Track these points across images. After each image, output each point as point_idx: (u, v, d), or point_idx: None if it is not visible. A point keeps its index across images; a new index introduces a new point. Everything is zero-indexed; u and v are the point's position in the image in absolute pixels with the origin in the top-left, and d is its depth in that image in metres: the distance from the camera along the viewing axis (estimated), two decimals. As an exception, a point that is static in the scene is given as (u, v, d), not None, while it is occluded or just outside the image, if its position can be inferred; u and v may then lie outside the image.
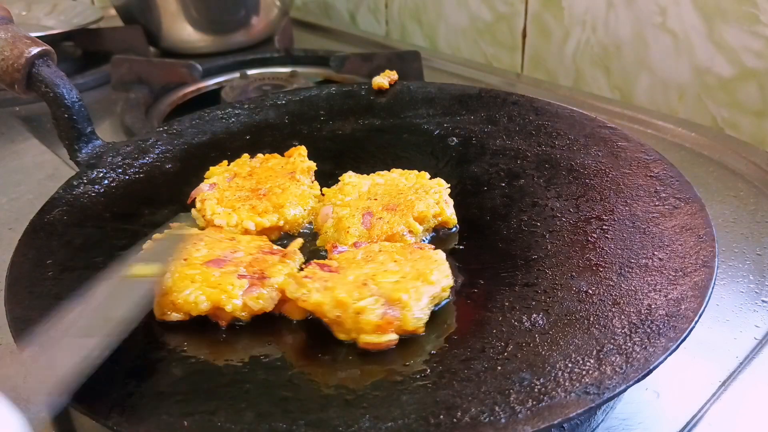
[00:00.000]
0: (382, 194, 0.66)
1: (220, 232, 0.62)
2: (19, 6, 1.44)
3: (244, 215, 0.64)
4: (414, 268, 0.53)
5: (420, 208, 0.62)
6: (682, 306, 0.49)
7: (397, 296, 0.50)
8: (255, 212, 0.64)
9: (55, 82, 0.70)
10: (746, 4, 0.95)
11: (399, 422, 0.43)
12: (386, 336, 0.49)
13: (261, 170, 0.71)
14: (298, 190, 0.67)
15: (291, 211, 0.64)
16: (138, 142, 0.78)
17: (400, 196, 0.65)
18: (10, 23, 0.71)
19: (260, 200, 0.66)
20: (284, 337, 0.52)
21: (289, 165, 0.71)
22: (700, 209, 0.59)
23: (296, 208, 0.65)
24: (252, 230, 0.63)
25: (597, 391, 0.43)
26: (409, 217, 0.62)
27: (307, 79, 1.23)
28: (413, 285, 0.51)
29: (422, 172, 0.69)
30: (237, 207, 0.65)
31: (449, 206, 0.64)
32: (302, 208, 0.65)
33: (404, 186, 0.67)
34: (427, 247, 0.57)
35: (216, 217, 0.64)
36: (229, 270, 0.54)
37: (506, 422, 0.42)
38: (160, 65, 1.21)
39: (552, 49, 1.22)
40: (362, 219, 0.62)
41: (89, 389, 0.46)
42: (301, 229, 0.66)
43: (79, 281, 0.57)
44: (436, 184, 0.66)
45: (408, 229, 0.61)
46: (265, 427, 0.43)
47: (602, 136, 0.74)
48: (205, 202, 0.66)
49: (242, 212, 0.64)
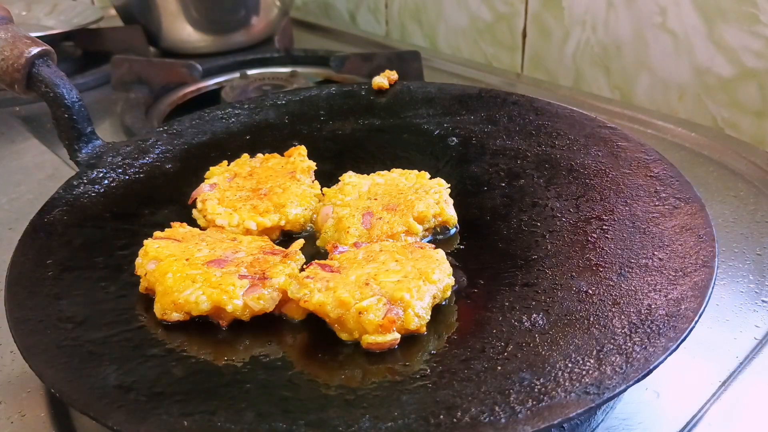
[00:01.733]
0: (382, 194, 0.66)
1: (222, 232, 0.62)
2: (19, 6, 1.44)
3: (246, 215, 0.64)
4: (415, 268, 0.54)
5: (420, 208, 0.62)
6: (682, 306, 0.49)
7: (400, 295, 0.50)
8: (256, 212, 0.64)
9: (55, 82, 0.70)
10: (746, 4, 0.95)
11: (399, 422, 0.43)
12: (389, 335, 0.49)
13: (261, 170, 0.71)
14: (298, 189, 0.67)
15: (292, 211, 0.64)
16: (138, 142, 0.78)
17: (400, 196, 0.65)
18: (10, 23, 0.71)
19: (261, 200, 0.66)
20: (284, 337, 0.52)
21: (289, 165, 0.71)
22: (700, 209, 0.59)
23: (297, 208, 0.65)
24: (253, 230, 0.63)
25: (597, 391, 0.43)
26: (409, 218, 0.62)
27: (307, 79, 1.23)
28: (415, 284, 0.51)
29: (422, 172, 0.69)
30: (238, 207, 0.65)
31: (449, 206, 0.64)
32: (303, 208, 0.65)
33: (404, 186, 0.67)
34: (427, 247, 0.57)
35: (217, 218, 0.64)
36: (230, 270, 0.54)
37: (506, 422, 0.42)
38: (160, 65, 1.21)
39: (552, 49, 1.22)
40: (362, 219, 0.62)
41: (89, 389, 0.46)
42: (303, 230, 0.66)
43: (79, 281, 0.57)
44: (436, 184, 0.66)
45: (408, 229, 0.61)
46: (265, 427, 0.43)
47: (602, 136, 0.74)
48: (206, 202, 0.66)
49: (243, 212, 0.64)
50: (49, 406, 0.56)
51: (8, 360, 0.61)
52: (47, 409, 0.56)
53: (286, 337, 0.52)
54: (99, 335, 0.51)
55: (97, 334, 0.51)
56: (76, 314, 0.53)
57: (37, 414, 0.55)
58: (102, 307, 0.55)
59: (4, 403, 0.56)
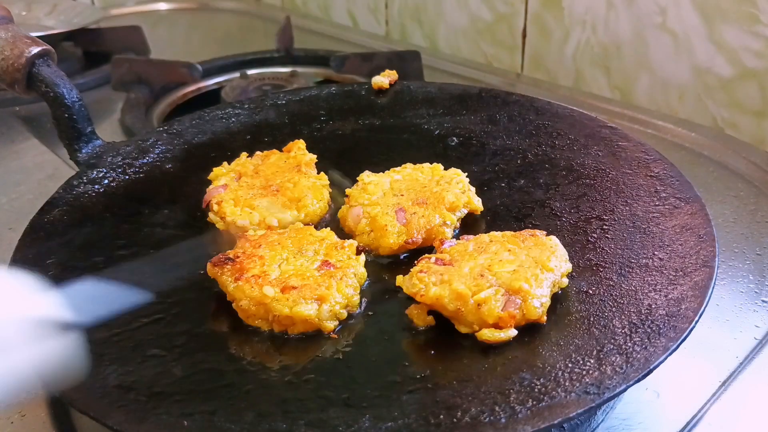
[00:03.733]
0: (407, 189, 0.65)
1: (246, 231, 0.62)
2: (19, 6, 1.44)
3: (265, 212, 0.64)
4: (530, 256, 0.53)
5: (450, 198, 0.63)
6: (682, 306, 0.49)
7: (518, 285, 0.50)
8: (275, 207, 0.64)
9: (55, 82, 0.70)
10: (746, 4, 0.95)
11: (399, 422, 0.43)
12: (507, 332, 0.49)
13: (266, 167, 0.71)
14: (308, 182, 0.68)
15: (311, 205, 0.65)
16: (138, 142, 0.78)
17: (424, 189, 0.65)
18: (11, 23, 0.71)
19: (275, 196, 0.66)
20: (284, 337, 0.52)
21: (292, 159, 0.71)
22: (700, 209, 0.59)
23: (314, 201, 0.66)
24: (275, 226, 0.63)
25: (597, 391, 0.43)
26: (442, 209, 0.62)
27: (307, 79, 1.23)
28: (532, 273, 0.51)
29: (435, 164, 0.69)
30: (255, 205, 0.65)
31: (473, 194, 0.65)
32: (318, 200, 0.66)
33: (424, 179, 0.67)
34: (539, 234, 0.57)
35: (237, 218, 0.64)
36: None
37: (506, 422, 0.42)
38: (160, 65, 1.21)
39: (552, 49, 1.22)
40: (396, 216, 0.62)
41: (89, 389, 0.46)
42: (321, 220, 0.66)
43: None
44: (455, 174, 0.67)
45: (444, 221, 0.61)
46: (265, 427, 0.43)
47: (602, 136, 0.74)
48: (222, 204, 0.65)
49: (261, 210, 0.64)
50: (49, 406, 0.56)
51: (8, 360, 0.60)
52: (47, 409, 0.56)
53: (286, 338, 0.52)
54: (99, 335, 0.51)
55: (97, 334, 0.51)
56: (76, 314, 0.53)
57: (37, 414, 0.55)
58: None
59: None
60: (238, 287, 0.53)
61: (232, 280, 0.54)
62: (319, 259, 0.56)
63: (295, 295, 0.52)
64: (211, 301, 0.56)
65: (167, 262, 0.61)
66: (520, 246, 0.55)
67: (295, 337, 0.52)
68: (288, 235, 0.59)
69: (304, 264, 0.56)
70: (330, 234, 0.60)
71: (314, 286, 0.53)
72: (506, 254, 0.54)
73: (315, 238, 0.59)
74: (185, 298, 0.57)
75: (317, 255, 0.57)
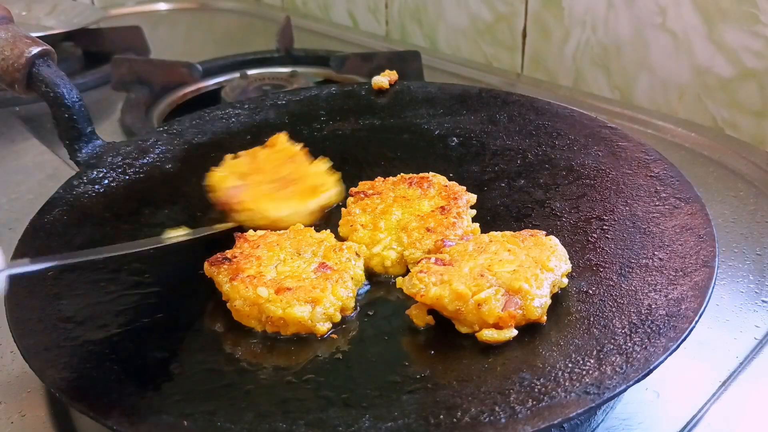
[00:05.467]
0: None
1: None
2: (19, 6, 1.44)
3: (296, 204, 0.64)
4: (530, 256, 0.53)
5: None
6: (682, 306, 0.49)
7: (518, 285, 0.50)
8: (305, 197, 0.65)
9: (55, 82, 0.70)
10: (746, 4, 0.95)
11: (399, 422, 0.43)
12: (507, 332, 0.49)
13: (262, 163, 0.70)
14: (315, 169, 0.69)
15: (330, 191, 0.66)
16: (138, 142, 0.78)
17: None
18: (11, 23, 0.71)
19: (296, 186, 0.66)
20: (284, 337, 0.52)
21: (283, 152, 0.72)
22: (701, 209, 0.59)
23: (332, 185, 0.67)
24: (315, 209, 0.64)
25: (597, 391, 0.43)
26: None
27: (307, 79, 1.23)
28: (532, 273, 0.51)
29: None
30: (281, 197, 0.65)
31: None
32: (333, 186, 0.67)
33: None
34: (539, 234, 0.57)
35: (272, 211, 0.63)
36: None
37: (506, 422, 0.42)
38: (160, 65, 1.21)
39: (552, 49, 1.22)
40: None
41: (89, 389, 0.46)
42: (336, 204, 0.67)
43: (79, 281, 0.57)
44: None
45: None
46: (265, 427, 0.43)
47: (602, 136, 0.74)
48: (252, 201, 0.64)
49: (292, 202, 0.64)
50: (49, 406, 0.56)
51: (8, 360, 0.61)
52: (47, 409, 0.56)
53: (286, 338, 0.52)
54: (99, 335, 0.51)
55: (97, 334, 0.51)
56: (76, 314, 0.53)
57: (37, 414, 0.55)
58: (102, 307, 0.55)
59: (4, 403, 0.56)
60: (233, 287, 0.53)
61: (228, 280, 0.54)
62: (316, 260, 0.56)
63: (288, 296, 0.52)
64: (210, 302, 0.56)
65: (167, 261, 0.61)
66: (519, 246, 0.55)
67: (295, 338, 0.52)
68: (287, 236, 0.59)
69: (301, 266, 0.56)
70: (329, 236, 0.60)
71: (308, 288, 0.53)
72: (506, 254, 0.54)
73: (314, 239, 0.59)
74: (185, 299, 0.57)
75: (315, 257, 0.57)
